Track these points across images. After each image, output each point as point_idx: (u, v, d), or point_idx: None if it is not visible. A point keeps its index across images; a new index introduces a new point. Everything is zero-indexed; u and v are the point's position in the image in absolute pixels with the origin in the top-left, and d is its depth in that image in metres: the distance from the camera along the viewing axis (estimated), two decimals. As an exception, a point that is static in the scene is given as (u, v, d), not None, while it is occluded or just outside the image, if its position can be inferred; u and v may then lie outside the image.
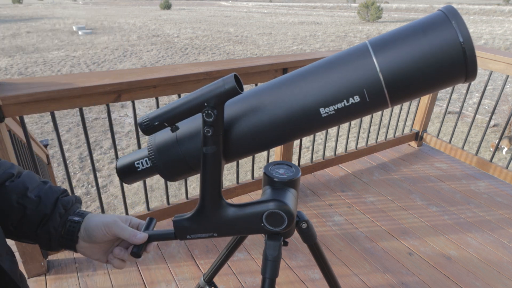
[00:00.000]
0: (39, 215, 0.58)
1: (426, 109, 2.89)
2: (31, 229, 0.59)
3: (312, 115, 0.52)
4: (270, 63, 1.91)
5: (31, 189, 0.59)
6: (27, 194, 0.58)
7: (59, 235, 0.59)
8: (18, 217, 0.58)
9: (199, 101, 0.53)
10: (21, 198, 0.58)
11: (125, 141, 6.54)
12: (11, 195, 0.57)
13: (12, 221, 0.58)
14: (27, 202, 0.58)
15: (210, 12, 34.15)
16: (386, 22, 25.53)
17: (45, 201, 0.59)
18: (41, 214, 0.58)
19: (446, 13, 0.46)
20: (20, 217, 0.58)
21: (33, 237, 0.59)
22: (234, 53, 14.68)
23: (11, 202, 0.57)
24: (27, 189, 0.59)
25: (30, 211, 0.58)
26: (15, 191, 0.58)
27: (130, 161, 0.67)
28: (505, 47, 15.42)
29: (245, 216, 0.64)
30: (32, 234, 0.59)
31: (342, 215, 2.21)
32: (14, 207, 0.57)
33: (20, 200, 0.58)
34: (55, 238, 0.59)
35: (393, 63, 0.47)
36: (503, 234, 2.08)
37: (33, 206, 0.58)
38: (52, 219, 0.59)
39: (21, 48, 14.88)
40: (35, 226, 0.59)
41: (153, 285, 1.69)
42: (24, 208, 0.58)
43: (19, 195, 0.58)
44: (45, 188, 0.61)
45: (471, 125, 2.76)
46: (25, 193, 0.58)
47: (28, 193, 0.58)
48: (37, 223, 0.59)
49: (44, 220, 0.59)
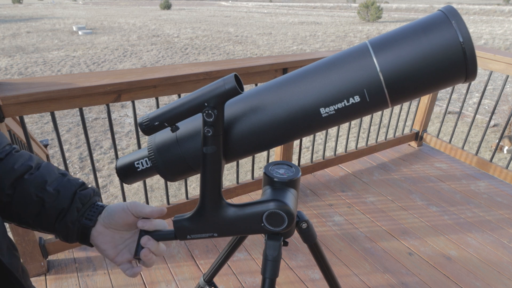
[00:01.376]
0: (57, 209, 0.58)
1: (426, 109, 2.89)
2: (49, 222, 0.59)
3: (312, 115, 0.52)
4: (270, 63, 1.91)
5: (49, 182, 0.59)
6: (45, 188, 0.58)
7: (76, 229, 0.59)
8: (36, 211, 0.58)
9: (199, 101, 0.53)
10: (40, 192, 0.57)
11: (125, 141, 6.54)
12: (29, 188, 0.57)
13: (30, 214, 0.58)
14: (45, 195, 0.57)
15: (210, 12, 34.15)
16: (386, 22, 25.53)
17: (63, 194, 0.59)
18: (59, 208, 0.58)
19: (446, 13, 0.46)
20: (39, 210, 0.58)
21: (51, 230, 0.60)
22: (234, 53, 14.68)
23: (30, 196, 0.57)
24: (45, 182, 0.58)
25: (49, 205, 0.58)
26: (34, 184, 0.57)
27: (130, 161, 0.67)
28: (505, 47, 15.43)
29: (245, 216, 0.64)
30: (51, 227, 0.59)
31: (342, 215, 2.21)
32: (33, 200, 0.57)
33: (39, 193, 0.57)
34: (73, 233, 0.59)
35: (393, 63, 0.47)
36: (503, 234, 2.08)
37: (51, 200, 0.58)
38: (69, 213, 0.59)
39: (21, 48, 14.88)
40: (53, 220, 0.58)
41: (153, 285, 1.69)
42: (42, 201, 0.57)
43: (38, 189, 0.57)
44: (63, 181, 0.61)
45: (471, 125, 2.76)
46: (43, 186, 0.58)
47: (46, 186, 0.58)
48: (55, 217, 0.58)
49: (61, 214, 0.58)
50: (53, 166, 0.63)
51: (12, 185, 0.57)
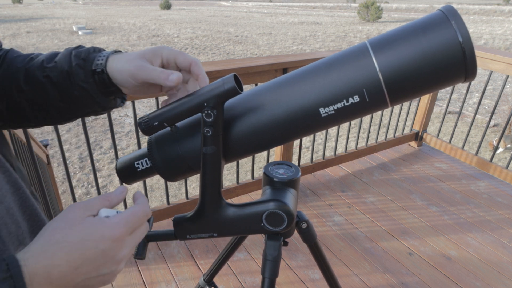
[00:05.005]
0: (63, 76, 0.56)
1: (426, 109, 2.89)
2: (70, 93, 0.56)
3: (312, 115, 0.52)
4: (270, 63, 1.91)
5: (46, 60, 0.57)
6: (44, 65, 0.57)
7: (94, 87, 0.56)
8: (55, 91, 0.56)
9: (198, 101, 0.53)
10: (42, 71, 0.56)
11: (125, 141, 6.54)
12: (35, 73, 0.56)
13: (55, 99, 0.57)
14: (47, 71, 0.56)
15: (210, 12, 34.16)
16: (386, 22, 25.53)
17: (61, 61, 0.56)
18: (64, 74, 0.55)
19: (445, 13, 0.46)
20: (53, 89, 0.56)
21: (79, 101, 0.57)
22: (234, 53, 14.68)
23: (38, 80, 0.56)
24: (43, 62, 0.57)
25: (56, 78, 0.56)
26: (36, 68, 0.57)
27: (130, 161, 0.67)
28: (505, 47, 15.43)
29: (245, 216, 0.64)
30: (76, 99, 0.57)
31: (342, 215, 2.21)
32: (44, 82, 0.56)
33: (42, 73, 0.56)
34: (94, 91, 0.56)
35: (393, 63, 0.47)
36: (503, 234, 2.08)
37: (54, 72, 0.56)
38: (75, 73, 0.55)
39: (21, 48, 14.88)
40: (69, 90, 0.56)
41: (153, 285, 1.69)
42: (49, 78, 0.56)
43: (40, 69, 0.56)
44: (59, 53, 0.58)
45: (471, 125, 2.76)
46: (42, 65, 0.57)
47: (44, 64, 0.57)
48: (68, 84, 0.56)
49: (69, 77, 0.56)
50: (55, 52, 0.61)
51: (25, 80, 0.56)
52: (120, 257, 0.43)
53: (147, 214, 0.47)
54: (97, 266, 0.41)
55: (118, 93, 0.58)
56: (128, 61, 0.53)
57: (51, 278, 0.38)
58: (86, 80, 0.55)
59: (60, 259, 0.39)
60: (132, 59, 0.53)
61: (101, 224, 0.42)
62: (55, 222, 0.42)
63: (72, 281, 0.40)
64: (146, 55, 0.54)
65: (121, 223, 0.42)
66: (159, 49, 0.54)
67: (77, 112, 0.60)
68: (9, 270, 0.36)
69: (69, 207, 0.44)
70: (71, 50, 0.57)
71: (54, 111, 0.59)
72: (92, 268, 0.41)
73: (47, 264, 0.38)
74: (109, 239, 0.41)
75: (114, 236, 0.41)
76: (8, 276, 0.36)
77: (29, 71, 0.57)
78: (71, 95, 0.56)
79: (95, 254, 0.40)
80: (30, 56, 0.59)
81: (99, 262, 0.41)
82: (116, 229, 0.42)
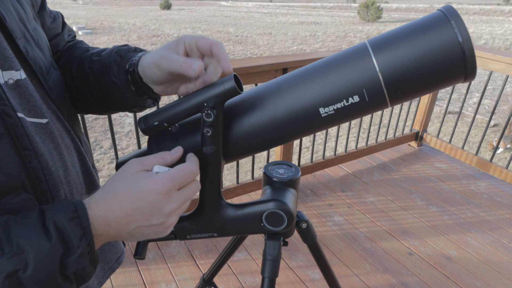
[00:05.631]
0: (102, 69, 0.60)
1: (426, 109, 2.89)
2: (105, 86, 0.61)
3: (312, 115, 0.52)
4: (270, 63, 1.91)
5: (95, 54, 0.63)
6: (92, 58, 0.62)
7: (125, 84, 0.59)
8: (95, 81, 0.62)
9: (198, 101, 0.53)
10: (90, 63, 0.62)
11: (125, 141, 6.54)
12: (84, 63, 0.63)
13: (94, 88, 0.62)
14: (92, 63, 0.62)
15: (210, 12, 34.16)
16: (386, 22, 25.54)
17: (105, 56, 0.61)
18: (103, 67, 0.60)
19: (445, 13, 0.46)
20: (94, 79, 0.61)
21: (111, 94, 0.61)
22: (234, 53, 14.68)
23: (85, 70, 0.62)
24: (92, 54, 0.63)
25: (97, 70, 0.61)
26: (85, 59, 0.63)
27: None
28: (505, 47, 15.43)
29: (245, 216, 0.64)
30: (110, 92, 0.61)
31: (342, 215, 2.21)
32: (88, 72, 0.62)
33: (89, 64, 0.62)
34: (124, 88, 0.60)
35: (393, 63, 0.47)
36: (503, 234, 2.08)
37: (97, 65, 0.61)
38: (109, 68, 0.60)
39: (21, 48, 14.87)
40: (104, 82, 0.61)
41: (153, 285, 1.69)
42: (92, 69, 0.61)
43: (88, 61, 0.62)
44: (108, 48, 0.64)
45: (471, 125, 2.76)
46: (91, 57, 0.63)
47: (93, 57, 0.63)
48: (105, 76, 0.60)
49: (106, 71, 0.60)
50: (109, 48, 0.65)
51: (76, 69, 0.63)
52: (167, 210, 0.47)
53: (193, 172, 0.51)
54: (146, 215, 0.47)
55: (149, 92, 0.60)
56: (155, 53, 0.55)
57: (109, 220, 0.45)
58: (118, 76, 0.59)
59: (115, 206, 0.46)
60: (158, 51, 0.56)
61: (150, 178, 0.47)
62: (114, 176, 0.49)
63: (126, 225, 0.46)
64: (171, 45, 0.55)
65: (167, 178, 0.47)
66: (182, 38, 0.56)
67: (113, 105, 0.64)
68: (76, 211, 0.43)
69: (128, 162, 0.50)
70: (116, 47, 0.62)
71: (93, 100, 0.64)
72: (142, 217, 0.47)
73: (105, 208, 0.45)
74: (155, 192, 0.46)
75: (159, 190, 0.46)
76: (75, 216, 0.43)
77: (81, 61, 0.63)
78: (105, 87, 0.61)
79: (143, 205, 0.46)
80: (88, 48, 0.67)
81: (147, 212, 0.46)
82: (161, 184, 0.47)
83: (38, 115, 0.51)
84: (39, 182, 0.49)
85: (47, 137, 0.52)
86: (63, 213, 0.43)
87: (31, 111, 0.50)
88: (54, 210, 0.43)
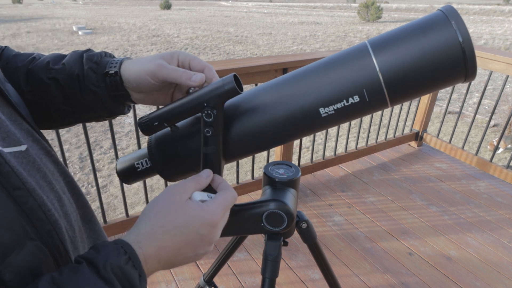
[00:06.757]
0: (72, 79, 0.56)
1: (426, 109, 2.89)
2: (77, 98, 0.56)
3: (312, 115, 0.52)
4: (270, 63, 1.91)
5: (52, 62, 0.57)
6: (50, 67, 0.57)
7: (104, 92, 0.56)
8: (60, 93, 0.57)
9: (198, 101, 0.53)
10: (48, 73, 0.56)
11: (125, 141, 6.54)
12: (39, 74, 0.56)
13: (59, 100, 0.57)
14: (54, 73, 0.56)
15: (210, 12, 34.16)
16: (386, 22, 25.54)
17: (71, 64, 0.56)
18: (73, 77, 0.56)
19: (445, 13, 0.46)
20: (61, 91, 0.56)
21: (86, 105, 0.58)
22: (234, 53, 14.68)
23: (42, 81, 0.56)
24: (48, 63, 0.57)
25: (63, 80, 0.56)
26: (40, 69, 0.57)
27: (130, 161, 0.67)
28: (505, 47, 15.43)
29: (245, 216, 0.64)
30: (84, 102, 0.57)
31: (342, 215, 2.21)
32: (49, 84, 0.56)
33: (48, 74, 0.56)
34: (104, 96, 0.56)
35: (393, 63, 0.47)
36: (503, 234, 2.08)
37: (62, 75, 0.56)
38: (86, 77, 0.55)
39: (21, 48, 14.88)
40: (77, 93, 0.56)
41: (153, 285, 1.69)
42: (56, 80, 0.56)
43: (44, 71, 0.56)
44: (67, 56, 0.58)
45: (471, 125, 2.76)
46: (48, 66, 0.57)
47: (51, 65, 0.57)
48: (77, 87, 0.56)
49: (79, 81, 0.56)
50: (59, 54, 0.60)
51: (25, 81, 0.56)
52: (214, 240, 0.48)
53: (235, 198, 0.52)
54: (195, 247, 0.47)
55: (126, 98, 0.58)
56: (149, 61, 0.55)
57: (160, 257, 0.44)
58: (98, 84, 0.56)
59: (166, 241, 0.44)
60: (152, 59, 0.55)
61: (201, 210, 0.46)
62: (158, 205, 0.46)
63: (174, 259, 0.46)
64: (164, 56, 0.56)
65: (218, 210, 0.47)
66: (176, 52, 0.57)
67: (80, 116, 0.60)
68: (126, 252, 0.40)
69: (168, 189, 0.48)
70: (81, 53, 0.58)
71: (55, 113, 0.59)
72: (191, 249, 0.46)
73: (157, 246, 0.43)
74: (207, 224, 0.46)
75: (211, 222, 0.46)
76: (127, 258, 0.40)
77: (32, 71, 0.57)
78: (78, 98, 0.57)
79: (195, 238, 0.46)
80: (32, 56, 0.59)
81: (197, 244, 0.46)
82: (214, 216, 0.47)
83: (14, 142, 0.42)
84: (41, 222, 0.40)
85: (31, 166, 0.43)
86: (115, 258, 0.39)
87: (5, 139, 0.41)
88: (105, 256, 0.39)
